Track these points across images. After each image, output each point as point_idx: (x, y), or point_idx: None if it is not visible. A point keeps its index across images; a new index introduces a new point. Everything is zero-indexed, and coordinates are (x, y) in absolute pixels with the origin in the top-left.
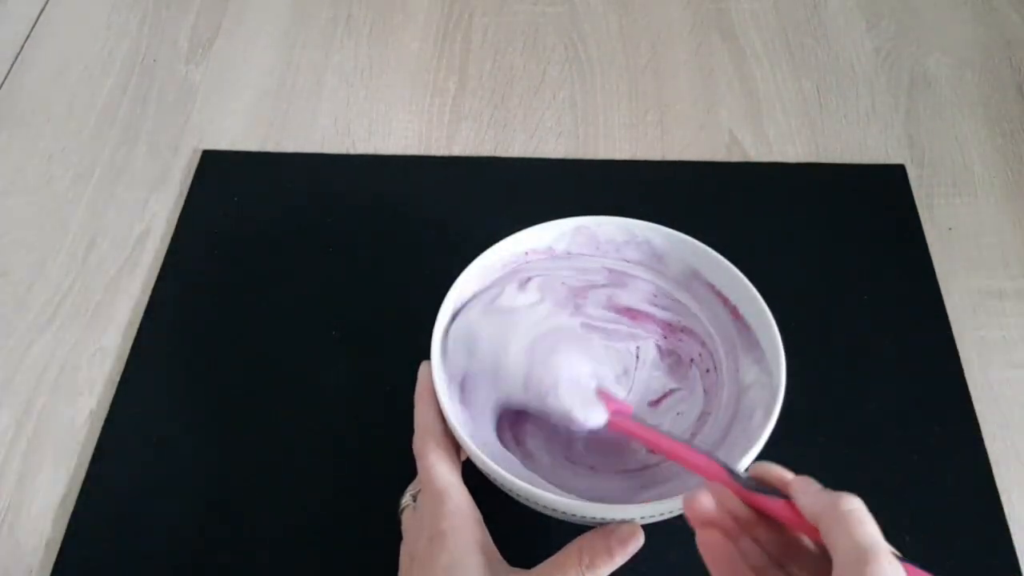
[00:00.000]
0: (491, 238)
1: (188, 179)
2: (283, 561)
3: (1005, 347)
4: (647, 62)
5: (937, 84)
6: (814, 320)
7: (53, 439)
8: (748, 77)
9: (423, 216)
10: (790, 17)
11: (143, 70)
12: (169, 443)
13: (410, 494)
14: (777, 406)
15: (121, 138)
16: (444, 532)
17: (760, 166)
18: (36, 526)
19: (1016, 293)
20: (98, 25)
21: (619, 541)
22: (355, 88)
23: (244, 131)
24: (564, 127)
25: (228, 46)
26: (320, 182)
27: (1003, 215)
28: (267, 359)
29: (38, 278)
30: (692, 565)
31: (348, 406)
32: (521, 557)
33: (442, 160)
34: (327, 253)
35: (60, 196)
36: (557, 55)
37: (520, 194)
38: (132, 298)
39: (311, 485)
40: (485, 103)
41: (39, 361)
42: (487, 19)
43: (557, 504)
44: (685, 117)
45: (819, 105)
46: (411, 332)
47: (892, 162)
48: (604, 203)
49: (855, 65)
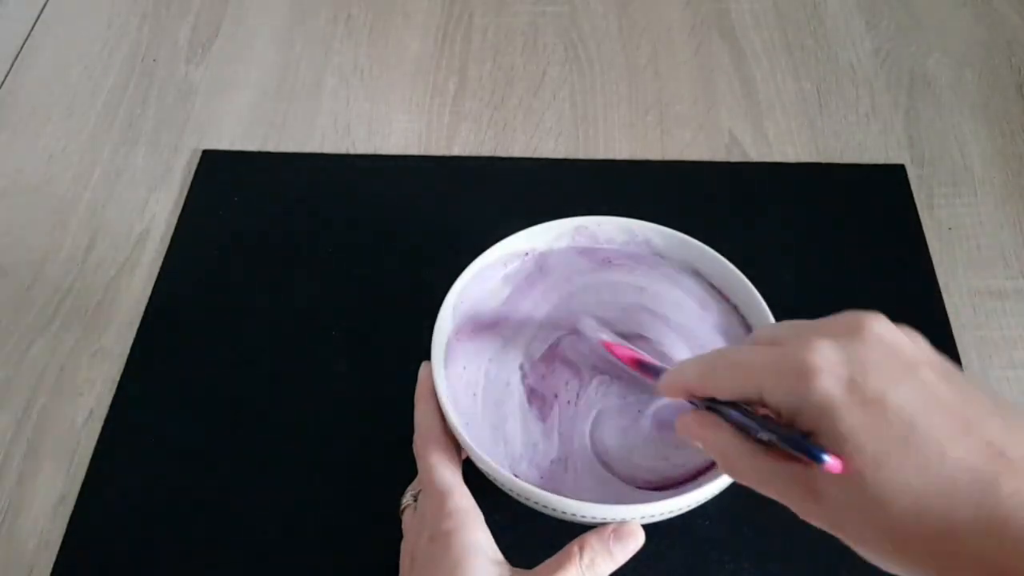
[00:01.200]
0: (491, 238)
1: (188, 179)
2: (283, 561)
3: (1005, 347)
4: (647, 62)
5: (937, 84)
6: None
7: (53, 439)
8: (748, 77)
9: (423, 216)
10: (790, 17)
11: (143, 70)
12: (169, 443)
13: (411, 494)
14: None
15: (121, 138)
16: (445, 532)
17: (760, 166)
18: (36, 526)
19: (1016, 293)
20: (98, 25)
21: (619, 541)
22: (355, 88)
23: (244, 131)
24: (564, 127)
25: (228, 46)
26: (320, 182)
27: (1003, 215)
28: (267, 359)
29: (38, 278)
30: (692, 565)
31: (348, 406)
32: (521, 557)
33: (442, 160)
34: (327, 253)
35: (60, 196)
36: (557, 55)
37: (520, 194)
38: (132, 298)
39: (311, 485)
40: (485, 103)
41: (39, 361)
42: (487, 19)
43: (557, 504)
44: (685, 117)
45: (819, 105)
46: (411, 332)
47: (892, 162)
48: (604, 203)
49: (855, 65)
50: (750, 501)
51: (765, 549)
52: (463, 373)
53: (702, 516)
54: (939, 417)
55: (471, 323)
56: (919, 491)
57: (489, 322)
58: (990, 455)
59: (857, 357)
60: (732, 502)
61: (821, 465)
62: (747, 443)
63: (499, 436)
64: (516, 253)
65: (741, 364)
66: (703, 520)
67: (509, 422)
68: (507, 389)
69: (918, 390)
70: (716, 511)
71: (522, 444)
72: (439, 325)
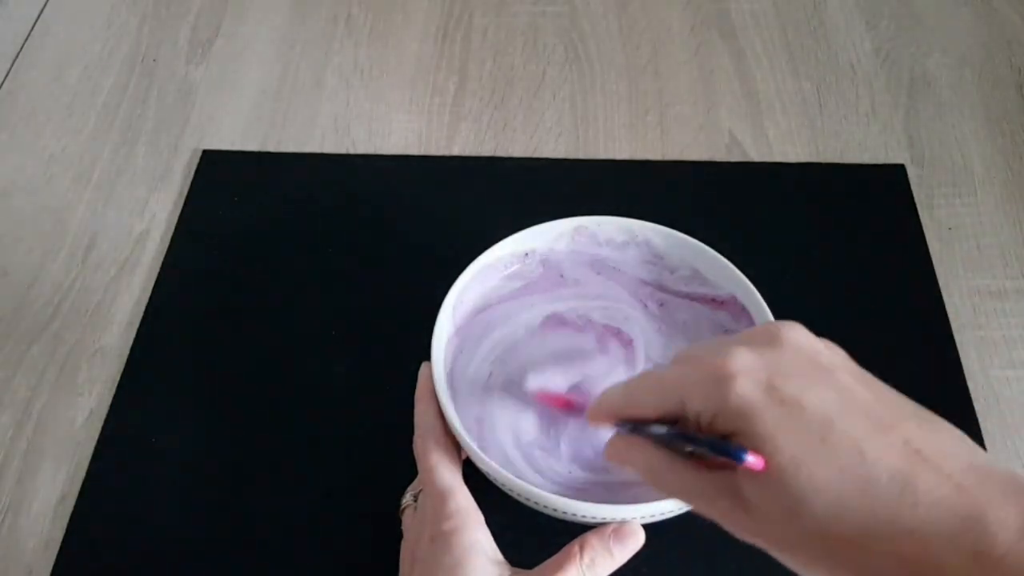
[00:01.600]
0: (491, 238)
1: (188, 179)
2: (283, 561)
3: (1005, 347)
4: (647, 62)
5: (937, 84)
6: (814, 320)
7: (53, 439)
8: (748, 77)
9: (423, 216)
10: (790, 17)
11: (143, 70)
12: (169, 443)
13: (411, 494)
14: None
15: (121, 138)
16: (445, 532)
17: (760, 166)
18: (35, 526)
19: (1016, 293)
20: (98, 25)
21: (620, 541)
22: (355, 88)
23: (244, 131)
24: (564, 127)
25: (228, 46)
26: (320, 182)
27: (1003, 215)
28: (266, 359)
29: (38, 278)
30: (692, 566)
31: (348, 406)
32: (522, 557)
33: (442, 160)
34: (327, 253)
35: (60, 196)
36: (557, 55)
37: (520, 194)
38: (132, 298)
39: (311, 485)
40: (485, 103)
41: (39, 360)
42: (487, 19)
43: (557, 504)
44: (685, 117)
45: (819, 105)
46: (411, 332)
47: (892, 162)
48: (604, 203)
49: (855, 65)
50: None
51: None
52: (464, 373)
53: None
54: (856, 417)
55: (471, 323)
56: (839, 490)
57: (489, 322)
58: (907, 454)
59: (775, 361)
60: None
61: (742, 464)
62: (674, 458)
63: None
64: (516, 253)
65: (662, 380)
66: (703, 520)
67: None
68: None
69: (835, 392)
70: None
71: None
72: (439, 325)
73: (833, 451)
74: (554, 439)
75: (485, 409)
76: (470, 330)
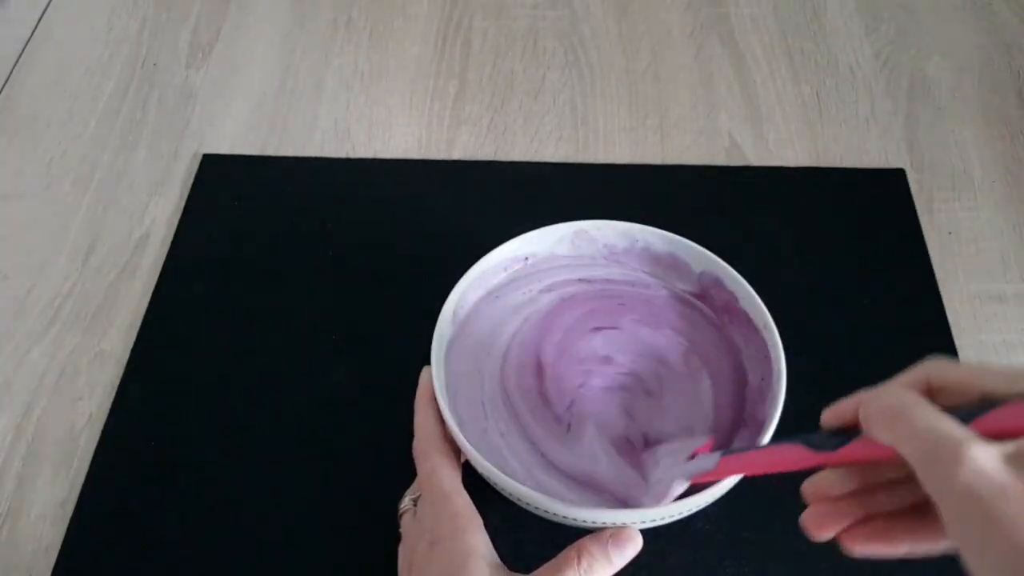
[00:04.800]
0: (491, 242)
1: (188, 183)
2: (282, 564)
3: (1006, 351)
4: (647, 66)
5: (937, 88)
6: (814, 324)
7: (53, 443)
8: (748, 81)
9: (423, 220)
10: (790, 21)
11: (143, 74)
12: (168, 447)
13: (410, 498)
14: (778, 410)
15: (121, 142)
16: (444, 537)
17: (760, 170)
18: (35, 530)
19: (1016, 297)
20: (98, 29)
21: (617, 545)
22: (355, 92)
23: (244, 135)
24: (564, 131)
25: (228, 50)
26: (320, 186)
27: (1003, 219)
28: (267, 363)
29: (38, 282)
30: (692, 565)
31: (348, 410)
32: (521, 561)
33: (442, 164)
34: (327, 257)
35: (60, 200)
36: (557, 59)
37: (520, 198)
38: (132, 302)
39: (311, 488)
40: (485, 107)
41: (39, 365)
42: (487, 23)
43: (556, 508)
44: (685, 121)
45: (819, 109)
46: (411, 337)
47: (892, 166)
48: (604, 207)
49: (855, 69)
50: (750, 502)
51: (765, 549)
52: (463, 378)
53: (702, 517)
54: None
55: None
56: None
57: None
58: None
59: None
60: (732, 503)
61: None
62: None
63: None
64: (516, 257)
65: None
66: (703, 521)
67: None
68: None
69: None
70: (716, 512)
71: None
72: (439, 330)
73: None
74: (553, 443)
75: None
76: (470, 334)
